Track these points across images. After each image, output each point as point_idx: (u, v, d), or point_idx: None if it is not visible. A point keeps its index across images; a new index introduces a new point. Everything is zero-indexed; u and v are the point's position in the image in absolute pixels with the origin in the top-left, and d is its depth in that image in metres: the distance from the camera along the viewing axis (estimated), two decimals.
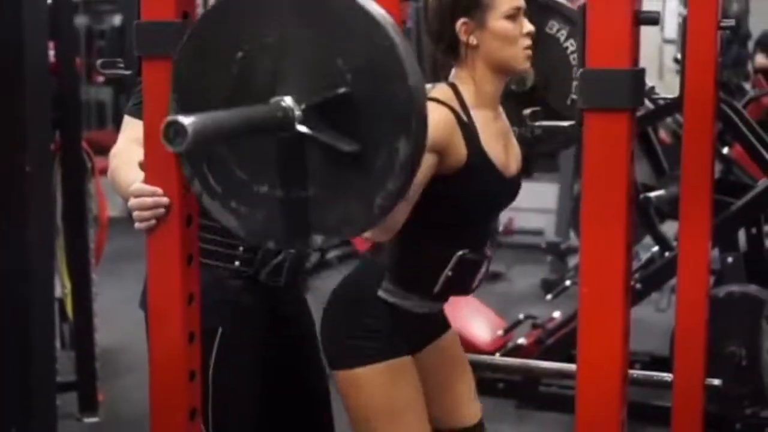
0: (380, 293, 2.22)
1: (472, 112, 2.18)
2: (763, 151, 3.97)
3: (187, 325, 1.89)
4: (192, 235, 1.91)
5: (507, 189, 2.27)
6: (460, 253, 2.21)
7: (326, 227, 1.70)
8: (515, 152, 2.30)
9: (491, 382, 4.06)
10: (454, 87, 2.20)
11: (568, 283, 5.21)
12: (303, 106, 1.66)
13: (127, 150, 2.01)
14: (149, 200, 1.85)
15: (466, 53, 2.20)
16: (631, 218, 1.74)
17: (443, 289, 2.24)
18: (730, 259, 3.85)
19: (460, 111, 2.17)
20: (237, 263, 2.27)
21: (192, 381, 1.91)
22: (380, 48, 1.63)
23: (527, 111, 1.86)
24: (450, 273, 2.21)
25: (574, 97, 2.41)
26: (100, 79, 9.68)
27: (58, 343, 4.19)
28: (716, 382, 2.70)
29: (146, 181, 1.88)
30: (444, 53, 2.22)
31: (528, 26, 2.20)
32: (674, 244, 4.33)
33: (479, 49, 2.18)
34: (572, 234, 6.73)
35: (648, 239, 4.57)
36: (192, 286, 1.90)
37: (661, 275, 4.11)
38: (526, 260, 6.90)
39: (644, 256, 4.61)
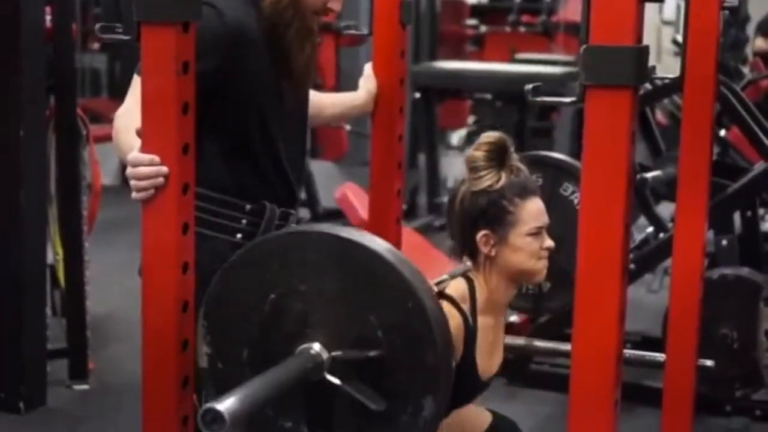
0: None
1: (479, 318, 2.20)
2: (761, 135, 3.96)
3: (181, 294, 1.89)
4: (188, 204, 1.90)
5: (477, 391, 2.28)
6: None
7: None
8: (499, 360, 2.32)
9: None
10: (470, 284, 2.22)
11: None
12: (332, 355, 1.74)
13: (132, 112, 1.99)
14: (147, 170, 1.83)
15: (484, 262, 2.22)
16: (630, 197, 1.73)
17: None
18: (724, 242, 3.85)
19: (469, 316, 2.19)
20: (239, 236, 2.25)
21: (185, 350, 1.90)
22: (413, 313, 1.70)
23: (529, 86, 1.83)
24: None
25: None
26: (95, 46, 9.63)
27: (49, 310, 4.18)
28: (708, 363, 2.70)
29: (143, 148, 1.87)
30: (461, 252, 2.25)
31: (548, 242, 2.21)
32: (669, 225, 4.33)
33: (497, 261, 2.20)
34: None
35: (642, 220, 4.56)
36: (187, 255, 1.89)
37: (655, 256, 4.11)
38: None
39: (638, 237, 4.60)
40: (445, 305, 2.14)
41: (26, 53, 3.76)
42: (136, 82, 2.05)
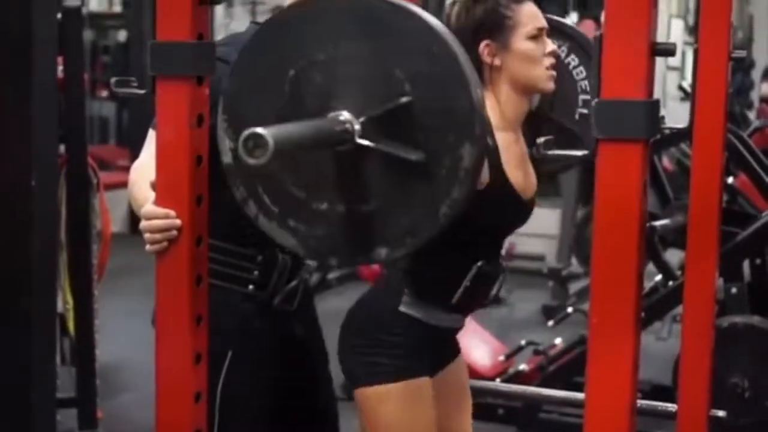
0: (402, 307, 2.22)
1: (496, 135, 2.18)
2: None
3: (194, 346, 1.89)
4: (202, 256, 1.91)
5: (523, 211, 2.29)
6: (479, 264, 2.22)
7: (390, 240, 1.69)
8: (532, 175, 2.31)
9: (492, 408, 4.05)
10: None
11: (569, 309, 5.20)
12: (362, 119, 1.65)
13: (147, 165, 2.00)
14: (161, 222, 1.85)
15: (490, 75, 2.21)
16: (642, 248, 1.73)
17: (462, 300, 2.24)
18: (734, 290, 3.84)
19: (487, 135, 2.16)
20: (251, 287, 2.26)
21: (197, 402, 1.90)
22: (439, 56, 1.63)
23: (541, 140, 1.86)
24: (469, 283, 2.22)
25: (582, 110, 2.42)
26: (104, 94, 9.70)
27: (58, 359, 4.17)
28: (720, 413, 2.69)
29: (157, 201, 1.88)
30: None
31: (550, 46, 2.22)
32: (678, 272, 4.33)
33: (503, 70, 2.20)
34: (574, 260, 6.72)
35: (651, 267, 4.56)
36: (200, 307, 1.90)
37: (664, 304, 4.11)
38: (527, 285, 6.88)
39: (647, 285, 4.60)
40: None
41: (38, 103, 3.78)
42: (151, 136, 2.08)
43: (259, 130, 1.45)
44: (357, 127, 1.65)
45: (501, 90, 2.21)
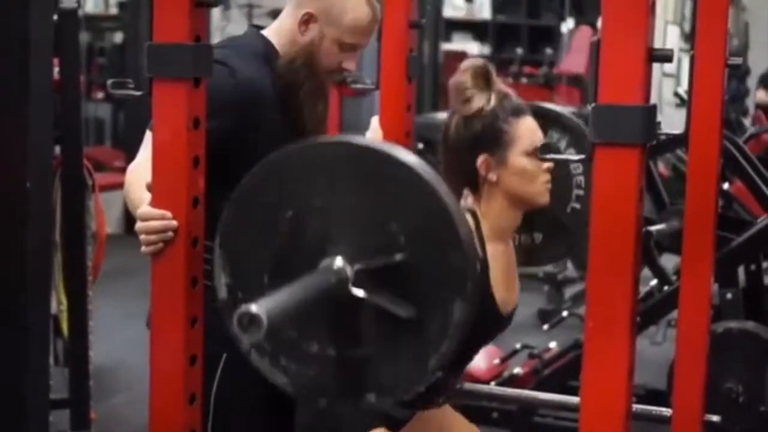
0: None
1: (488, 246, 2.17)
2: (764, 188, 3.98)
3: (189, 347, 1.89)
4: (197, 257, 1.91)
5: (499, 326, 2.27)
6: (438, 374, 2.20)
7: (379, 387, 1.71)
8: (516, 288, 2.29)
9: (486, 411, 4.05)
10: (475, 217, 2.19)
11: (565, 314, 5.20)
12: (356, 268, 1.67)
13: (144, 166, 2.00)
14: (157, 224, 1.84)
15: (486, 187, 2.19)
16: (638, 253, 1.74)
17: (412, 400, 2.19)
18: (729, 295, 3.85)
19: (478, 247, 2.15)
20: None
21: (192, 404, 1.90)
22: (435, 213, 1.64)
23: (539, 145, 1.88)
24: (423, 389, 2.18)
25: (574, 205, 2.43)
26: (99, 95, 9.69)
27: (51, 360, 4.16)
28: (715, 418, 2.69)
29: (153, 202, 1.88)
30: (461, 185, 2.21)
31: (548, 162, 2.19)
32: (673, 278, 4.33)
33: (499, 184, 2.18)
34: (569, 264, 6.72)
35: (646, 272, 4.56)
36: (196, 308, 1.90)
37: (659, 309, 4.10)
38: (523, 289, 6.81)
39: (642, 290, 4.61)
40: None
41: (34, 104, 3.78)
42: (149, 137, 2.08)
43: (254, 309, 1.46)
44: (350, 274, 1.66)
45: (496, 202, 2.20)
